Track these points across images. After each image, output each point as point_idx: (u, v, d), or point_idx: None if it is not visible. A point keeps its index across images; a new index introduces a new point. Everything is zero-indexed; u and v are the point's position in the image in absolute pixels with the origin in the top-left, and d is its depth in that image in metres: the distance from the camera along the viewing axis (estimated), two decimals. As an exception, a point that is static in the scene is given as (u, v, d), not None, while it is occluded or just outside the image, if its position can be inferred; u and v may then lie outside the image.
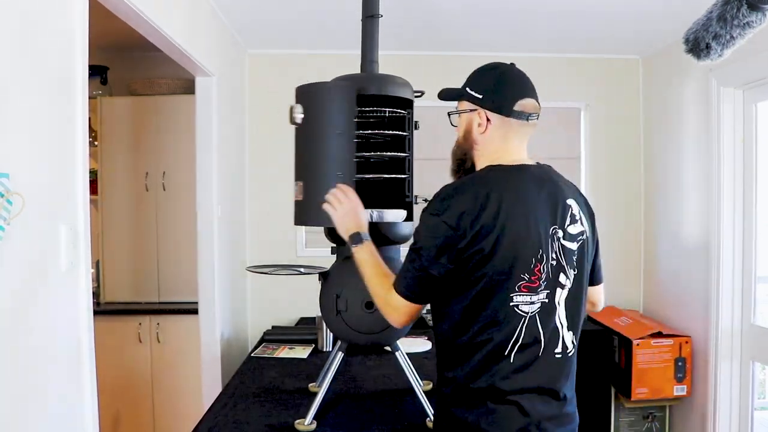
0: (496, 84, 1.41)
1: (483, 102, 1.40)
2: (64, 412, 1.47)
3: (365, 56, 1.85)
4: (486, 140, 1.42)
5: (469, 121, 1.43)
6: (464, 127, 1.45)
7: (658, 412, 3.29)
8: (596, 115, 3.65)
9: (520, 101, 1.39)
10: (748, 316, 2.82)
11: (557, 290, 1.34)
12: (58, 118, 1.46)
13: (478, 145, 1.43)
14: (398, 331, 1.74)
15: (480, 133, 1.41)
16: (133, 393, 3.17)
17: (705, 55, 1.43)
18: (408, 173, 1.81)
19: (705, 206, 2.98)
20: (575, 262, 1.37)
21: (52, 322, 1.42)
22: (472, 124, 1.42)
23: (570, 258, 1.36)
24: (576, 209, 1.40)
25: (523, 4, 2.74)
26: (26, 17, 1.32)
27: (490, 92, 1.40)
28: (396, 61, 2.45)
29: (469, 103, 1.43)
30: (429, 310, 1.42)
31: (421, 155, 1.98)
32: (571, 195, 1.42)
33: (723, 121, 2.85)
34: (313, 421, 1.72)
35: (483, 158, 1.43)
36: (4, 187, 1.18)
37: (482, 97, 1.40)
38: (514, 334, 1.30)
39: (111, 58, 3.44)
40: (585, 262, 1.41)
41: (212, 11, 2.76)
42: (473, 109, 1.42)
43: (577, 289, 1.38)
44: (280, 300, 3.51)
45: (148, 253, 3.31)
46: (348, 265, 1.77)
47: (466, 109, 1.44)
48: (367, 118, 1.78)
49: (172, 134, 3.29)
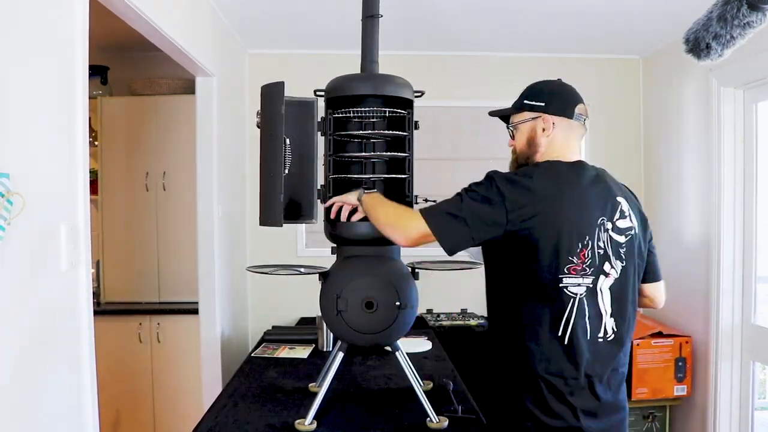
0: (556, 93, 1.57)
1: (547, 108, 1.55)
2: (64, 411, 1.47)
3: (365, 56, 1.85)
4: (551, 143, 1.55)
5: (532, 128, 1.57)
6: (527, 135, 1.58)
7: (658, 412, 3.29)
8: (596, 115, 3.65)
9: (578, 105, 1.58)
10: (748, 316, 2.82)
11: (601, 277, 1.44)
12: (58, 118, 1.46)
13: (542, 148, 1.55)
14: (398, 331, 1.75)
15: (546, 136, 1.55)
16: (133, 393, 3.17)
17: (705, 55, 1.43)
18: (408, 173, 1.81)
19: (705, 206, 2.99)
20: (623, 254, 1.47)
21: (52, 322, 1.42)
22: (536, 130, 1.56)
23: (617, 249, 1.46)
24: (626, 207, 1.51)
25: (523, 4, 2.74)
26: (26, 17, 1.32)
27: (551, 99, 1.55)
28: (396, 61, 2.45)
29: (530, 113, 1.57)
30: (429, 309, 1.43)
31: (422, 155, 1.98)
32: (622, 194, 1.55)
33: (723, 121, 2.86)
34: (313, 421, 1.72)
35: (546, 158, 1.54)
36: (4, 187, 1.18)
37: (545, 104, 1.55)
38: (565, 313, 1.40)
39: (111, 58, 3.44)
40: (634, 255, 1.50)
41: (212, 11, 2.76)
42: (535, 117, 1.56)
43: (624, 280, 1.47)
44: (280, 300, 3.51)
45: (148, 253, 3.31)
46: (348, 265, 1.77)
47: (527, 119, 1.57)
48: (368, 118, 1.78)
49: (172, 134, 3.29)
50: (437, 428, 1.71)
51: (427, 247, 2.54)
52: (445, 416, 1.76)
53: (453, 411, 1.83)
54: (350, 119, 1.84)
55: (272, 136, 1.67)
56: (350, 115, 1.81)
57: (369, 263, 1.76)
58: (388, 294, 1.71)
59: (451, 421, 1.75)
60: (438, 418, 1.73)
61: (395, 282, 1.72)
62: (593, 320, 1.42)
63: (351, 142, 1.90)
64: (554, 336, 1.41)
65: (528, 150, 1.58)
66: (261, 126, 1.71)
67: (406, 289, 1.74)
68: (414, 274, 1.82)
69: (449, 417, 1.76)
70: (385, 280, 1.72)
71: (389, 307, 1.71)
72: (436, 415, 1.73)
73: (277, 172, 1.66)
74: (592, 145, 3.64)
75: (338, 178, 1.85)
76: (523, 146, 1.59)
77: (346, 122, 1.86)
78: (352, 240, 1.78)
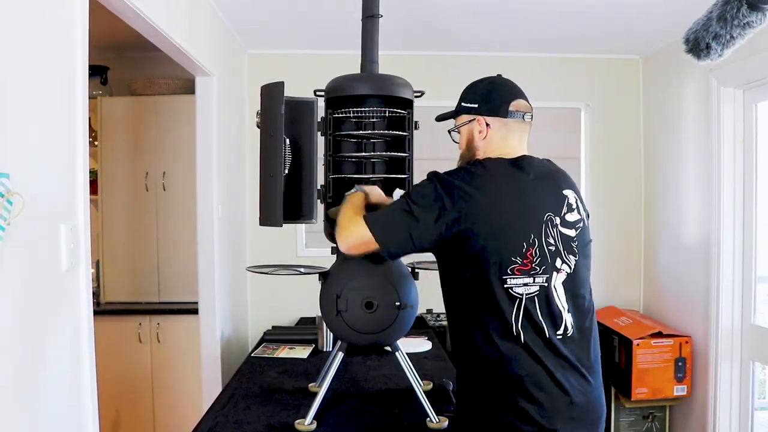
0: (488, 92, 1.54)
1: (479, 110, 1.53)
2: (64, 411, 1.47)
3: (365, 56, 1.85)
4: (488, 144, 1.53)
5: (470, 131, 1.56)
6: (466, 138, 1.58)
7: (658, 412, 3.29)
8: (596, 115, 3.65)
9: (513, 102, 1.53)
10: (748, 316, 2.82)
11: (554, 274, 1.41)
12: (58, 118, 1.46)
13: (481, 151, 1.54)
14: (398, 331, 1.75)
15: (482, 138, 1.53)
16: (133, 393, 3.17)
17: (705, 55, 1.42)
18: (408, 173, 1.81)
19: (705, 206, 2.99)
20: (575, 248, 1.45)
21: (52, 322, 1.42)
22: (473, 132, 1.55)
23: (568, 244, 1.44)
24: (573, 199, 1.49)
25: (523, 4, 2.74)
26: (26, 17, 1.32)
27: (483, 100, 1.53)
28: (396, 61, 2.45)
29: (467, 116, 1.56)
30: (429, 309, 1.43)
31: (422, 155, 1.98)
32: (568, 186, 1.51)
33: (723, 121, 2.86)
34: (313, 421, 1.72)
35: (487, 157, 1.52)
36: (4, 187, 1.18)
37: (477, 106, 1.54)
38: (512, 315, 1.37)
39: (111, 58, 3.44)
40: (585, 248, 1.49)
41: (212, 11, 2.76)
42: (471, 119, 1.54)
43: (576, 273, 1.45)
44: (280, 300, 3.51)
45: (148, 253, 3.31)
46: (348, 265, 1.77)
47: (465, 122, 1.56)
48: (368, 118, 1.78)
49: (172, 134, 3.29)
50: (437, 428, 1.71)
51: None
52: (445, 416, 1.76)
53: (453, 411, 1.83)
54: (350, 119, 1.84)
55: (272, 136, 1.67)
56: (350, 115, 1.81)
57: (369, 263, 1.76)
58: (387, 294, 1.71)
59: (451, 421, 1.75)
60: (438, 418, 1.73)
61: (395, 282, 1.72)
62: (549, 318, 1.39)
63: (351, 142, 1.90)
64: (510, 338, 1.37)
65: (468, 153, 1.58)
66: (261, 126, 1.71)
67: (406, 289, 1.74)
68: (414, 274, 1.82)
69: (449, 417, 1.76)
70: (385, 280, 1.72)
71: (389, 307, 1.71)
72: (436, 415, 1.74)
73: (277, 172, 1.66)
74: (592, 145, 3.64)
75: (338, 178, 1.85)
76: (464, 149, 1.60)
77: (346, 122, 1.86)
78: (352, 240, 1.78)
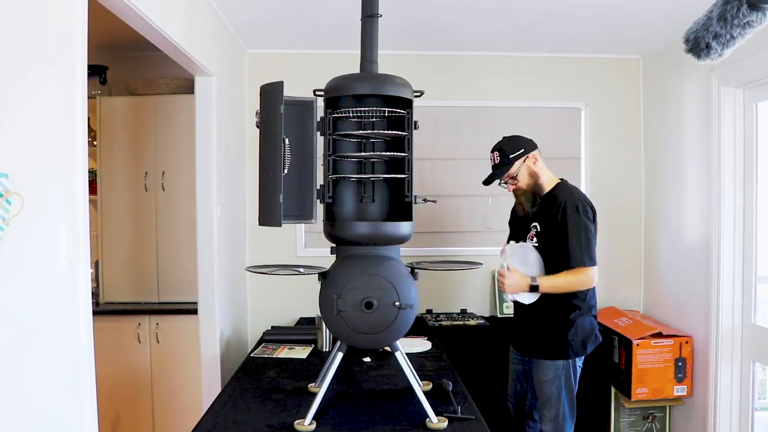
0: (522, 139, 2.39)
1: (526, 151, 2.35)
2: (62, 411, 1.47)
3: (365, 56, 1.85)
4: (541, 169, 2.38)
5: (527, 166, 2.35)
6: (526, 172, 2.35)
7: (658, 413, 3.29)
8: (596, 115, 3.65)
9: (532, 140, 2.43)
10: (748, 316, 2.82)
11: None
12: (57, 118, 1.46)
13: (540, 174, 2.36)
14: (398, 331, 1.75)
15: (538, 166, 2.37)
16: (133, 393, 3.17)
17: (705, 55, 1.42)
18: (408, 173, 1.80)
19: (705, 206, 2.98)
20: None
21: (51, 322, 1.42)
22: (530, 166, 2.35)
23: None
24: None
25: (523, 4, 2.74)
26: (25, 17, 1.32)
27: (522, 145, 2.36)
28: (396, 61, 2.45)
29: (518, 160, 2.33)
30: (429, 309, 1.42)
31: (421, 155, 1.98)
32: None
33: (723, 120, 2.85)
34: (313, 421, 1.72)
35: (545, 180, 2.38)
36: (3, 187, 1.18)
37: (524, 150, 2.35)
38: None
39: (110, 57, 3.43)
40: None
41: (212, 11, 2.76)
42: (525, 158, 2.35)
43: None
44: (279, 300, 3.51)
45: (148, 253, 3.31)
46: (348, 265, 1.77)
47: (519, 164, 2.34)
48: (368, 118, 1.78)
49: (171, 134, 3.29)
50: (437, 428, 1.71)
51: (427, 247, 2.54)
52: (444, 416, 1.76)
53: (452, 411, 1.83)
54: (350, 119, 1.84)
55: (271, 136, 1.67)
56: (350, 114, 1.81)
57: (368, 263, 1.75)
58: (387, 294, 1.71)
59: (451, 421, 1.75)
60: (437, 418, 1.73)
61: (395, 282, 1.72)
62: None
63: (350, 141, 1.90)
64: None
65: (532, 179, 2.36)
66: (260, 126, 1.71)
67: (406, 289, 1.73)
68: (414, 274, 1.82)
69: (449, 417, 1.76)
70: (384, 280, 1.72)
71: (389, 307, 1.70)
72: (435, 415, 1.73)
73: (277, 172, 1.66)
74: (592, 145, 3.64)
75: (338, 177, 1.84)
76: (528, 179, 2.36)
77: (346, 122, 1.85)
78: (351, 240, 1.78)
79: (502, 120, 3.56)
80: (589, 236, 2.22)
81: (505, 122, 3.54)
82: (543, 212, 2.32)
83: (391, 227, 1.78)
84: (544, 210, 2.32)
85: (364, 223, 1.82)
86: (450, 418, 1.76)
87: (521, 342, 2.48)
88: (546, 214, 2.31)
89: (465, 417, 1.79)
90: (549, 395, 2.34)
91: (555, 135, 3.61)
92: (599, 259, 2.30)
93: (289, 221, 1.75)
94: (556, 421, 2.34)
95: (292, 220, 1.81)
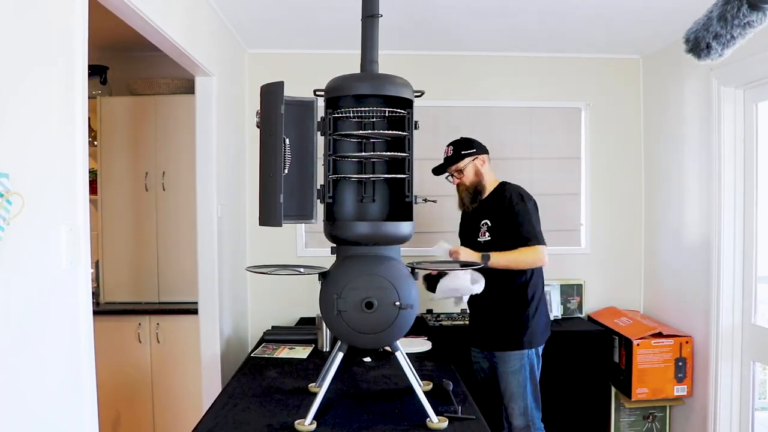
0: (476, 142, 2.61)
1: (477, 152, 2.58)
2: (62, 411, 1.47)
3: (365, 56, 1.85)
4: (486, 171, 2.60)
5: (474, 165, 2.57)
6: (473, 170, 2.57)
7: (658, 413, 3.29)
8: (596, 115, 3.65)
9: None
10: (748, 316, 2.82)
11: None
12: (57, 118, 1.46)
13: (484, 175, 2.58)
14: (398, 331, 1.75)
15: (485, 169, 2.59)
16: (133, 393, 3.17)
17: (705, 55, 1.42)
18: (408, 173, 1.80)
19: (705, 206, 2.98)
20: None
21: (51, 322, 1.42)
22: (477, 166, 2.57)
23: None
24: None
25: (523, 4, 2.74)
26: (26, 17, 1.32)
27: (475, 147, 2.58)
28: (396, 61, 2.45)
29: (468, 158, 2.55)
30: (429, 310, 1.42)
31: (422, 155, 1.98)
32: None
33: (723, 120, 2.85)
34: (313, 421, 1.72)
35: (488, 181, 2.59)
36: (3, 187, 1.18)
37: (475, 150, 2.58)
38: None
39: (111, 57, 3.44)
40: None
41: (212, 11, 2.76)
42: (474, 158, 2.57)
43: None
44: (280, 300, 3.51)
45: (148, 253, 3.31)
46: (348, 265, 1.77)
47: (468, 161, 2.56)
48: (368, 118, 1.78)
49: (172, 134, 3.29)
50: (437, 428, 1.71)
51: (426, 248, 2.54)
52: (444, 416, 1.76)
53: (453, 411, 1.83)
54: (350, 119, 1.84)
55: (272, 136, 1.67)
56: (350, 114, 1.81)
57: (369, 263, 1.75)
58: (387, 294, 1.71)
59: (451, 421, 1.75)
60: (438, 418, 1.73)
61: (395, 282, 1.72)
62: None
63: (350, 141, 1.90)
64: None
65: (476, 179, 2.57)
66: (261, 126, 1.71)
67: (406, 289, 1.73)
68: (414, 274, 1.82)
69: (449, 417, 1.76)
70: (385, 280, 1.72)
71: (389, 307, 1.70)
72: (435, 415, 1.73)
73: (277, 172, 1.66)
74: (592, 145, 3.64)
75: (338, 177, 1.84)
76: (473, 177, 2.57)
77: (346, 122, 1.85)
78: (351, 240, 1.78)
79: (502, 120, 3.56)
80: (536, 220, 2.45)
81: (505, 122, 3.54)
82: (492, 208, 2.54)
83: (391, 227, 1.78)
84: (492, 205, 2.54)
85: (364, 223, 1.82)
86: (450, 418, 1.76)
87: (482, 338, 2.60)
88: (495, 208, 2.52)
89: (465, 417, 1.79)
90: (515, 389, 2.47)
91: (555, 135, 3.61)
92: (601, 258, 2.31)
93: (289, 221, 1.75)
94: (526, 415, 2.47)
95: (293, 220, 1.81)
